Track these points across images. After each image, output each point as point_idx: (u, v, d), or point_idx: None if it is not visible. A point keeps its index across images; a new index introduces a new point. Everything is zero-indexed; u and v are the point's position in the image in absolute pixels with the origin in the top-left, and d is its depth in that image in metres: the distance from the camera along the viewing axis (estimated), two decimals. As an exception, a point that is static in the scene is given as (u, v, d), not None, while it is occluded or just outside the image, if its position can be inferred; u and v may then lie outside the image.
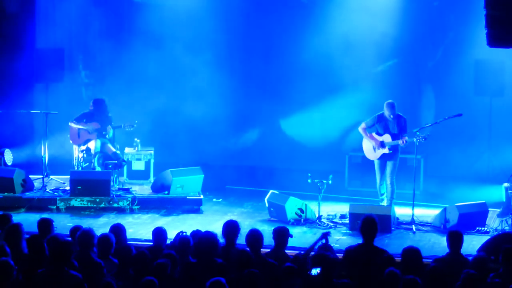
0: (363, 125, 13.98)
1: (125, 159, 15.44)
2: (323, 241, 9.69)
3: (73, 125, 15.15)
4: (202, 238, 8.83)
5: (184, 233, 9.93)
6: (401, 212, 13.71)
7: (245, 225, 9.71)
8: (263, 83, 17.89)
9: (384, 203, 13.88)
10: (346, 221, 13.29)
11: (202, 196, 14.52)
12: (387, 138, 13.73)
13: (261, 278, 7.98)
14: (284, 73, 17.79)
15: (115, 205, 14.20)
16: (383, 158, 13.84)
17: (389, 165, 13.83)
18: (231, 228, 9.41)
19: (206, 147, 17.62)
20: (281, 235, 9.58)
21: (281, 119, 17.78)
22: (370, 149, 13.94)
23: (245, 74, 17.91)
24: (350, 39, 17.05)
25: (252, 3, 17.75)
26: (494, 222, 13.23)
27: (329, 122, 17.07)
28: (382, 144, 13.74)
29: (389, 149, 13.69)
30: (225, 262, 8.68)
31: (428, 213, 14.00)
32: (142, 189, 15.09)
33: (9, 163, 15.91)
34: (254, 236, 9.20)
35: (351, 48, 17.16)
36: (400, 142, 13.57)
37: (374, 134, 13.87)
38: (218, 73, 17.77)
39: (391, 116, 13.69)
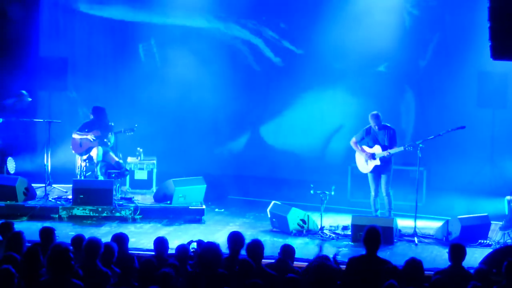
0: (353, 139, 14.01)
1: (128, 169, 15.44)
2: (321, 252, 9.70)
3: (76, 136, 15.17)
4: (205, 249, 8.81)
5: (193, 242, 9.93)
6: (403, 224, 13.71)
7: (247, 236, 9.66)
8: (266, 94, 17.91)
9: None
10: (349, 232, 13.27)
11: (204, 206, 14.51)
12: (377, 149, 13.74)
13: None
14: (286, 84, 17.81)
15: (117, 214, 14.19)
16: (376, 171, 13.82)
17: (383, 178, 13.82)
18: (236, 239, 9.37)
19: (209, 157, 17.62)
20: (287, 252, 9.56)
21: (284, 130, 17.78)
22: (362, 163, 13.94)
23: (248, 85, 17.93)
24: (350, 50, 17.11)
25: (253, 12, 17.85)
26: (496, 235, 13.22)
27: (332, 134, 17.06)
28: (372, 156, 13.74)
29: (380, 160, 13.69)
30: (229, 273, 8.65)
31: (430, 225, 13.99)
32: (145, 199, 15.10)
33: (12, 172, 15.92)
34: (255, 246, 9.17)
35: (353, 59, 17.20)
36: (385, 153, 13.59)
37: (365, 146, 13.88)
38: (222, 84, 17.79)
39: (376, 127, 13.71)
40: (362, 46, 16.93)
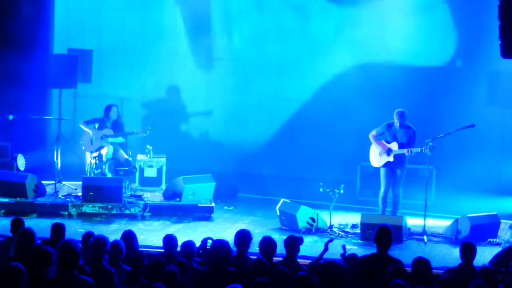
0: (373, 132, 14.04)
1: (137, 166, 15.46)
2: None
3: (83, 127, 15.19)
4: (215, 246, 8.82)
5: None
6: (413, 222, 13.70)
7: (256, 233, 9.69)
8: (276, 91, 17.90)
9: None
10: (358, 230, 13.27)
11: (213, 204, 14.53)
12: (394, 146, 13.75)
13: (273, 286, 7.95)
14: (295, 82, 17.82)
15: (127, 211, 14.22)
16: (389, 166, 13.84)
17: (396, 175, 13.83)
18: (243, 237, 9.38)
19: (218, 154, 17.63)
20: (293, 244, 9.55)
21: (293, 127, 17.78)
22: (376, 155, 13.96)
23: (258, 83, 17.94)
24: (362, 50, 17.12)
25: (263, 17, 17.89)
26: (505, 234, 13.20)
27: (341, 132, 17.05)
28: (388, 151, 13.76)
29: (394, 157, 13.70)
30: (237, 270, 8.68)
31: (439, 224, 13.98)
32: (154, 196, 15.11)
33: (22, 169, 15.96)
34: (268, 243, 9.18)
35: (361, 57, 17.20)
36: (405, 151, 13.59)
37: (383, 141, 13.90)
38: (231, 81, 17.80)
39: (398, 125, 13.72)
40: (373, 49, 16.97)
